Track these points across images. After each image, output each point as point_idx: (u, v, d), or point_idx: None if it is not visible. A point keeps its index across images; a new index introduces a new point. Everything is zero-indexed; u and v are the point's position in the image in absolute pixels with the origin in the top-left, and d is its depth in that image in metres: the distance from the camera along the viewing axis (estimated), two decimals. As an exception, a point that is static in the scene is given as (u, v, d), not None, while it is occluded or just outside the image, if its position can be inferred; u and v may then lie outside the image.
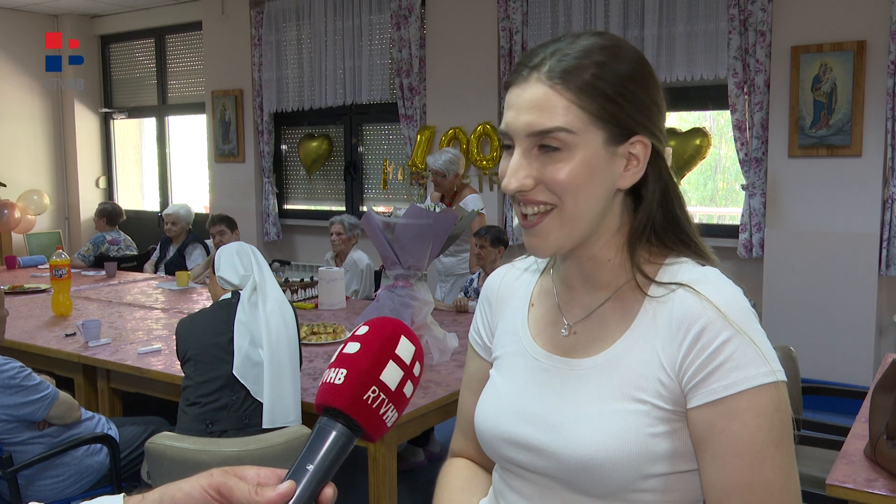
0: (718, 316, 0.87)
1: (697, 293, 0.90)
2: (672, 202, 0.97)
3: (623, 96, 0.90)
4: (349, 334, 0.83)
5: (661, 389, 0.90)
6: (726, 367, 0.86)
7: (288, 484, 0.68)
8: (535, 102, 0.90)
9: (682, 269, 0.95)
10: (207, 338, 2.43)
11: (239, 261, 2.53)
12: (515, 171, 0.91)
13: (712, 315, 0.87)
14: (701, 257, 0.97)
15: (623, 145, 0.92)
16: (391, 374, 0.76)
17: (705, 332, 0.87)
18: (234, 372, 2.34)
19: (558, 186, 0.90)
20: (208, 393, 2.36)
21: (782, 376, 0.87)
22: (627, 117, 0.91)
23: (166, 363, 2.93)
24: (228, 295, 2.54)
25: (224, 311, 2.48)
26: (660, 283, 0.94)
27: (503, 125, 0.93)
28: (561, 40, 0.93)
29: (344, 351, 0.78)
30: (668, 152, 0.97)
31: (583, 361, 0.97)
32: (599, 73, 0.89)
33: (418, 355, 0.80)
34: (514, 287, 1.11)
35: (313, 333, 3.30)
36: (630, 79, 0.91)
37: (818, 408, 3.97)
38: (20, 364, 2.50)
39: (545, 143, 0.89)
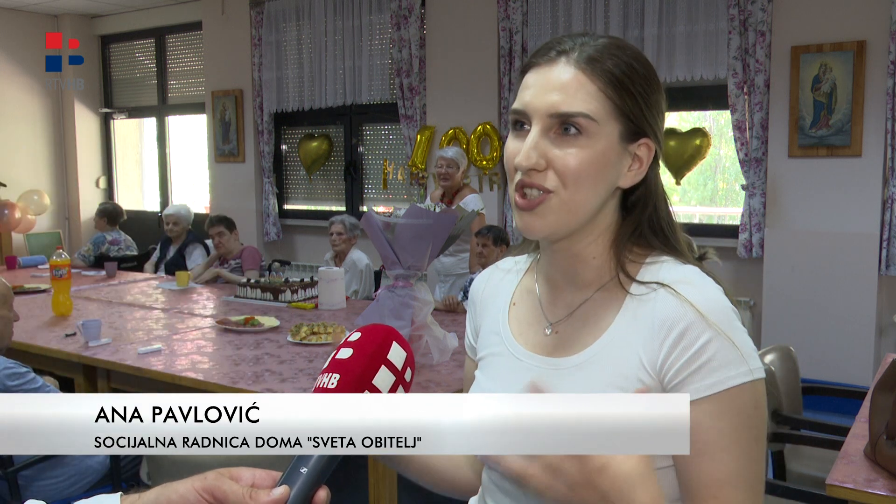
0: (699, 318, 0.89)
1: (678, 294, 0.91)
2: (659, 205, 0.99)
3: (642, 96, 0.93)
4: (349, 334, 0.84)
5: (641, 388, 0.91)
6: (708, 368, 0.88)
7: (282, 489, 0.70)
8: (563, 84, 0.91)
9: (664, 269, 0.96)
10: None
11: None
12: (531, 148, 0.91)
13: (693, 317, 0.89)
14: (682, 256, 0.99)
15: (633, 144, 0.94)
16: (383, 379, 0.78)
17: (686, 333, 0.89)
18: None
19: (566, 173, 0.91)
20: None
21: (760, 374, 0.90)
22: (642, 117, 0.93)
23: (166, 363, 2.92)
24: None
25: None
26: (641, 282, 0.95)
27: (519, 104, 0.93)
28: (584, 35, 0.95)
29: (337, 356, 0.79)
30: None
31: (564, 360, 0.98)
32: (626, 71, 0.92)
33: (409, 361, 0.81)
34: (498, 288, 1.13)
35: (313, 333, 3.28)
36: (647, 81, 0.94)
37: (818, 408, 3.96)
38: (25, 370, 2.50)
39: (566, 125, 0.90)
